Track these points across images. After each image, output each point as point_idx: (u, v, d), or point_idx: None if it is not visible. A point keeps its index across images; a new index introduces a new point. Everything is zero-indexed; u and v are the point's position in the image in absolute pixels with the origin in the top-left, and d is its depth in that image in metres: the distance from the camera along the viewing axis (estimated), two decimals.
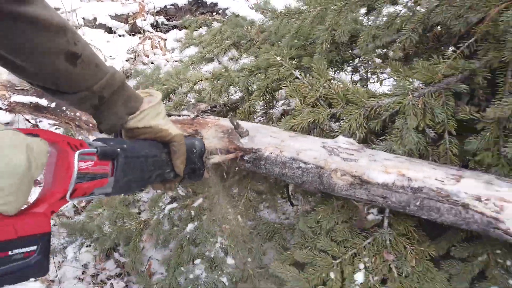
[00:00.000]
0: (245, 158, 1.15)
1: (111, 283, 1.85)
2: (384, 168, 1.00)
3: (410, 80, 1.21)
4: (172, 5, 4.47)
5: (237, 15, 2.51)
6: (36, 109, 1.66)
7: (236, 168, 1.16)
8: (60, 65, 0.75)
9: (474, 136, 1.09)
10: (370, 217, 1.23)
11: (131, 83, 3.70)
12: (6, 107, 1.67)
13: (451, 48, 1.31)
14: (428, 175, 0.97)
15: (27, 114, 1.77)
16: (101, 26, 4.30)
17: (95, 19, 4.31)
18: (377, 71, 1.61)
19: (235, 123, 1.07)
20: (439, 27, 1.41)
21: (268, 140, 1.14)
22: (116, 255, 1.94)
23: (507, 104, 0.98)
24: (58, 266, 1.88)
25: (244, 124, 1.15)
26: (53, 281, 1.83)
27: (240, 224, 1.41)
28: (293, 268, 1.18)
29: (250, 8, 4.07)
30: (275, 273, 1.19)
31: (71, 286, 1.81)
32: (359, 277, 1.12)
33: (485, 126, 1.06)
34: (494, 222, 0.93)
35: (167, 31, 4.31)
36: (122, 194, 1.43)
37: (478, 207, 0.93)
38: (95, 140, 0.79)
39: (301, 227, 1.30)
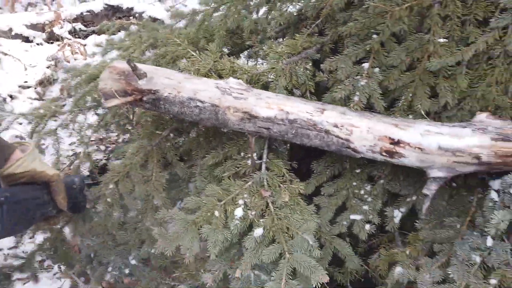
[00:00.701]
0: (144, 99, 1.11)
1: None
2: (268, 105, 1.08)
3: (281, 52, 1.33)
4: (88, 11, 4.19)
5: (154, 20, 2.49)
6: None
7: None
8: None
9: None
10: (249, 161, 1.27)
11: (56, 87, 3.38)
12: None
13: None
14: (301, 109, 1.08)
15: None
16: (18, 36, 3.89)
17: (10, 29, 3.88)
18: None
19: (133, 65, 1.03)
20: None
21: (166, 81, 1.12)
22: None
23: (334, 61, 1.17)
24: None
25: (141, 66, 1.10)
26: None
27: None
28: (180, 212, 1.14)
29: (166, 10, 4.00)
30: (164, 220, 1.15)
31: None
32: (239, 212, 1.13)
33: (333, 83, 1.23)
34: (346, 143, 1.07)
35: (85, 37, 4.01)
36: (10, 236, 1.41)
37: (335, 132, 1.06)
38: None
39: (197, 185, 1.32)
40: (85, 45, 3.64)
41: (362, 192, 1.27)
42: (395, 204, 1.26)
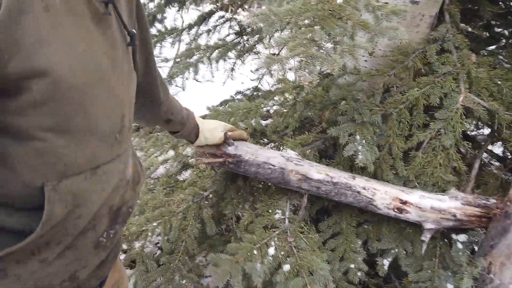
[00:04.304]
0: (230, 160, 1.39)
1: None
2: (318, 170, 1.44)
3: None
4: None
5: None
6: None
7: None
8: (162, 123, 1.13)
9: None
10: (276, 216, 1.57)
11: None
12: None
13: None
14: (340, 175, 1.47)
15: None
16: None
17: None
18: None
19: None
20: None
21: (246, 149, 1.42)
22: None
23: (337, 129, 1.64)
24: None
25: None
26: None
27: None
28: (225, 255, 1.40)
29: None
30: (213, 262, 1.38)
31: None
32: (271, 251, 1.44)
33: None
34: (371, 201, 1.49)
35: None
36: None
37: (364, 192, 1.47)
38: None
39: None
40: None
41: (359, 242, 1.62)
42: (383, 255, 1.63)
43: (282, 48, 1.51)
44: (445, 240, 1.65)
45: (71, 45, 0.56)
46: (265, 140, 2.09)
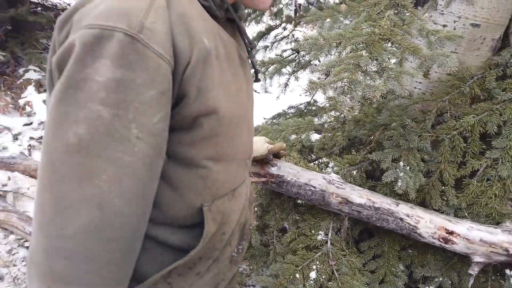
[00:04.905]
0: (273, 180, 1.49)
1: None
2: (360, 195, 1.47)
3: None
4: None
5: None
6: None
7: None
8: None
9: None
10: (318, 237, 1.63)
11: None
12: None
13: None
14: (383, 201, 1.47)
15: None
16: None
17: None
18: None
19: (271, 157, 1.48)
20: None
21: (289, 170, 1.51)
22: None
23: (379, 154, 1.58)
24: None
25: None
26: None
27: None
28: (268, 278, 1.49)
29: None
30: (258, 283, 1.50)
31: None
32: (313, 275, 1.48)
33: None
34: (414, 229, 1.48)
35: None
36: None
37: (407, 219, 1.47)
38: None
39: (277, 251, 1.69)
40: None
41: (401, 267, 1.61)
42: (426, 282, 1.60)
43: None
44: (498, 274, 1.57)
45: (229, 86, 0.65)
46: (312, 156, 2.15)
